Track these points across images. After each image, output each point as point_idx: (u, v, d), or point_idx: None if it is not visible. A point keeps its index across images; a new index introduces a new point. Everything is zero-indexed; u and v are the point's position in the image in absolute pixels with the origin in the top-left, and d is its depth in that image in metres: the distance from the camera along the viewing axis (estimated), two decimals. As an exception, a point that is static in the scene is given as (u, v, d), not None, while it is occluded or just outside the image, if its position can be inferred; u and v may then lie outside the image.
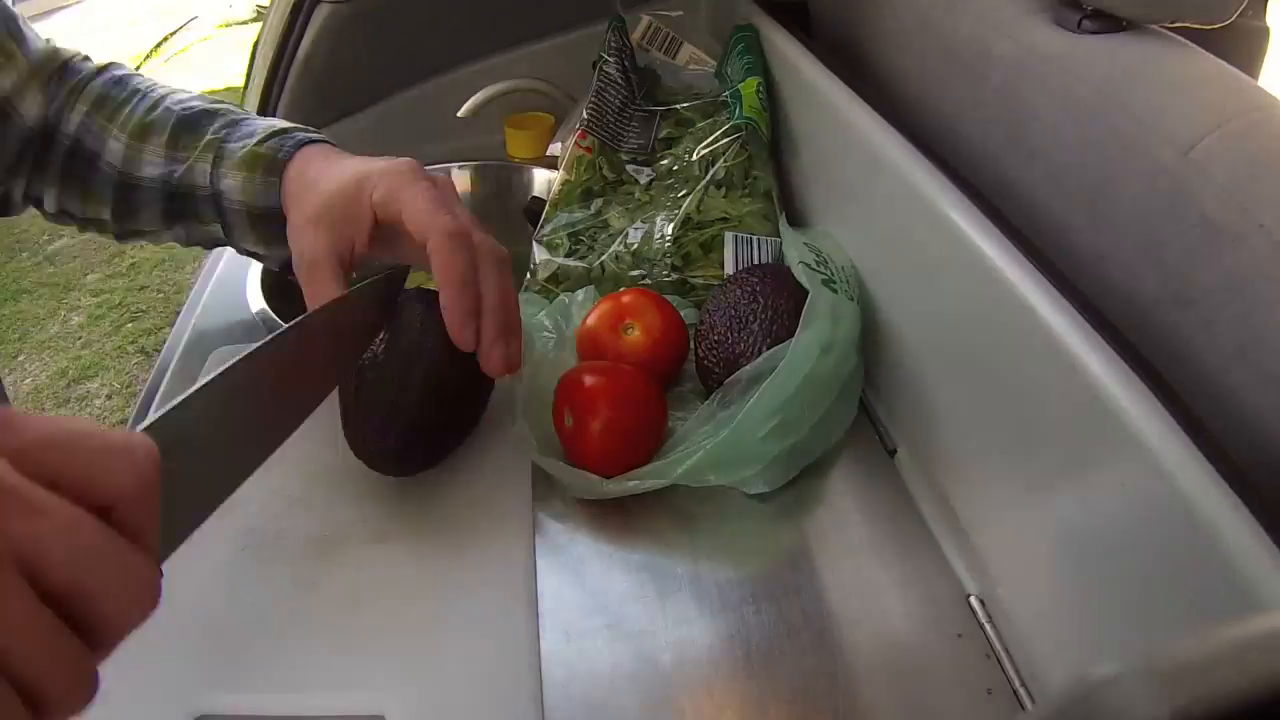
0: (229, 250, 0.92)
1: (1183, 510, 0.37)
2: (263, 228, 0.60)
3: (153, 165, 0.60)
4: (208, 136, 0.60)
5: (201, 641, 0.49)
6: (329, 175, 0.56)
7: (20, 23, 0.61)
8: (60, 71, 0.63)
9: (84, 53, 0.66)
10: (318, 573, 0.53)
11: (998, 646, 0.51)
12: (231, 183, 0.58)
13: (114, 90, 0.62)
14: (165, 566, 0.32)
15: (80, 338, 2.43)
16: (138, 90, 0.63)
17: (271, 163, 0.58)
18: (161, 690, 0.47)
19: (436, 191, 0.53)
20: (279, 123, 0.61)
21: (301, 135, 0.60)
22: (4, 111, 0.59)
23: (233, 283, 0.85)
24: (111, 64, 0.66)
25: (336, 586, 0.53)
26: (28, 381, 2.26)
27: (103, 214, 0.62)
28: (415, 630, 0.50)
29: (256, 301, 0.83)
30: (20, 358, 2.36)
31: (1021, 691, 0.49)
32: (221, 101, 0.64)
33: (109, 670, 0.46)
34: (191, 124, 0.60)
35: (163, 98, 0.62)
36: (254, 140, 0.59)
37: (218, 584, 0.49)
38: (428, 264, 0.52)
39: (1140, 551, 0.40)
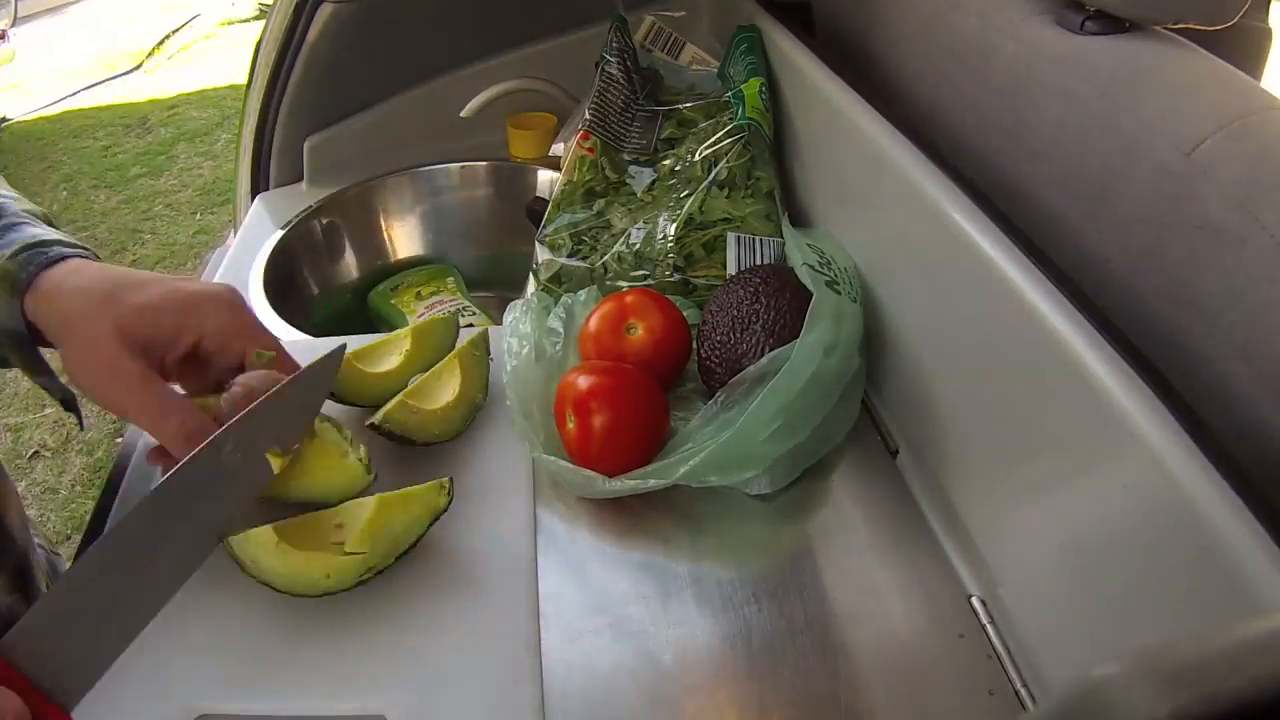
0: (230, 250, 0.93)
1: (1184, 511, 0.37)
2: (23, 353, 0.53)
3: None
4: None
5: (202, 642, 0.49)
6: (136, 286, 0.51)
7: None
8: None
9: None
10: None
11: (999, 647, 0.51)
12: None
13: None
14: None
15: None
16: None
17: (15, 282, 0.50)
18: (162, 690, 0.47)
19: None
20: (43, 233, 0.53)
21: (59, 250, 0.52)
22: None
23: (235, 282, 0.85)
24: None
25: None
26: (28, 380, 2.26)
27: None
28: (416, 630, 0.50)
29: (258, 301, 0.83)
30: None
31: (1023, 692, 0.49)
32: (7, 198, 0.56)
33: (110, 670, 0.46)
34: None
35: None
36: (6, 255, 0.50)
37: (218, 584, 0.49)
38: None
39: (1141, 552, 0.40)
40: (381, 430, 0.57)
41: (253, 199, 1.04)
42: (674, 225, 0.75)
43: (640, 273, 0.75)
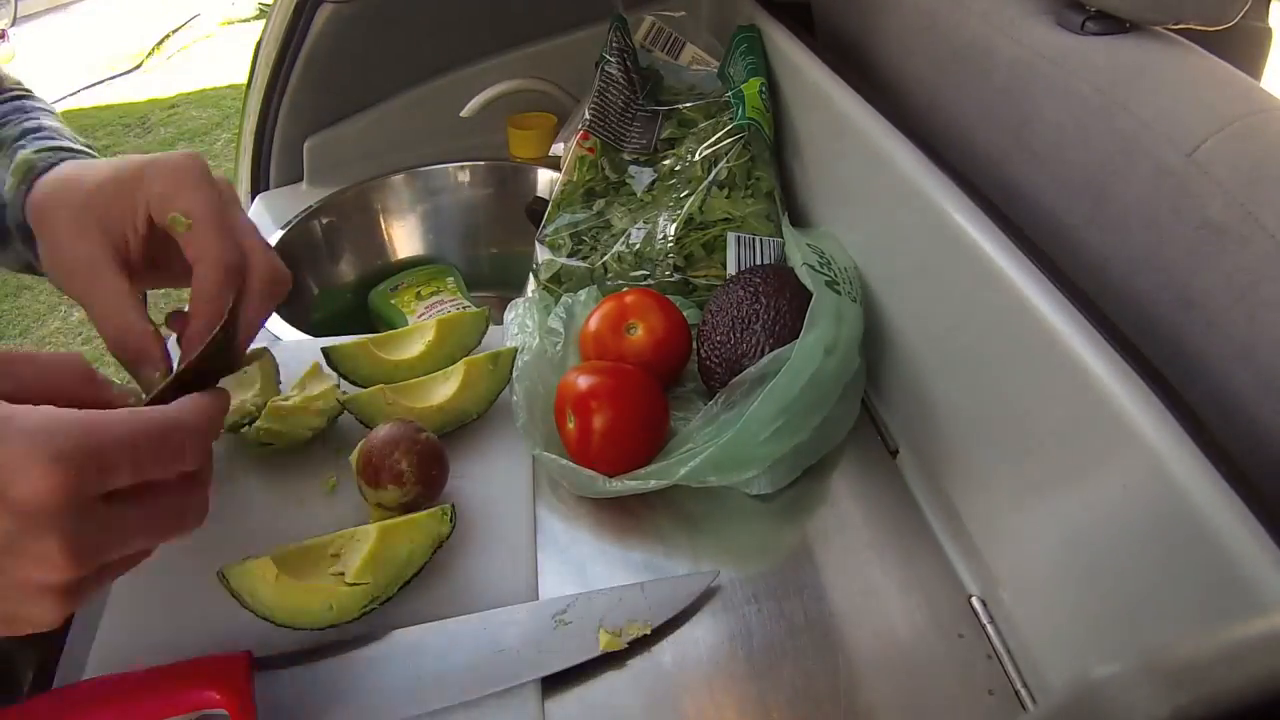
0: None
1: (1184, 511, 0.37)
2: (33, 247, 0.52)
3: None
4: (11, 146, 0.53)
5: (202, 646, 0.49)
6: (95, 169, 0.48)
7: None
8: None
9: (18, 84, 0.62)
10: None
11: (999, 647, 0.51)
12: (6, 188, 0.51)
13: (7, 114, 0.57)
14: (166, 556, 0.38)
15: (81, 334, 2.43)
16: (18, 112, 0.57)
17: (29, 171, 0.50)
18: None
19: (219, 202, 0.47)
20: (65, 139, 0.53)
21: (73, 149, 0.52)
22: None
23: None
24: (31, 98, 0.61)
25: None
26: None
27: None
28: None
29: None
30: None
31: (1023, 692, 0.49)
32: (73, 140, 0.56)
33: (108, 672, 0.46)
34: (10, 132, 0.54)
35: (27, 131, 0.55)
36: (39, 146, 0.51)
37: (217, 585, 0.49)
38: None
39: (1141, 552, 0.40)
40: (347, 406, 0.59)
41: (253, 199, 1.04)
42: (674, 225, 0.75)
43: (640, 273, 0.75)
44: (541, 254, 0.78)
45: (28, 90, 0.63)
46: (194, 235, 0.46)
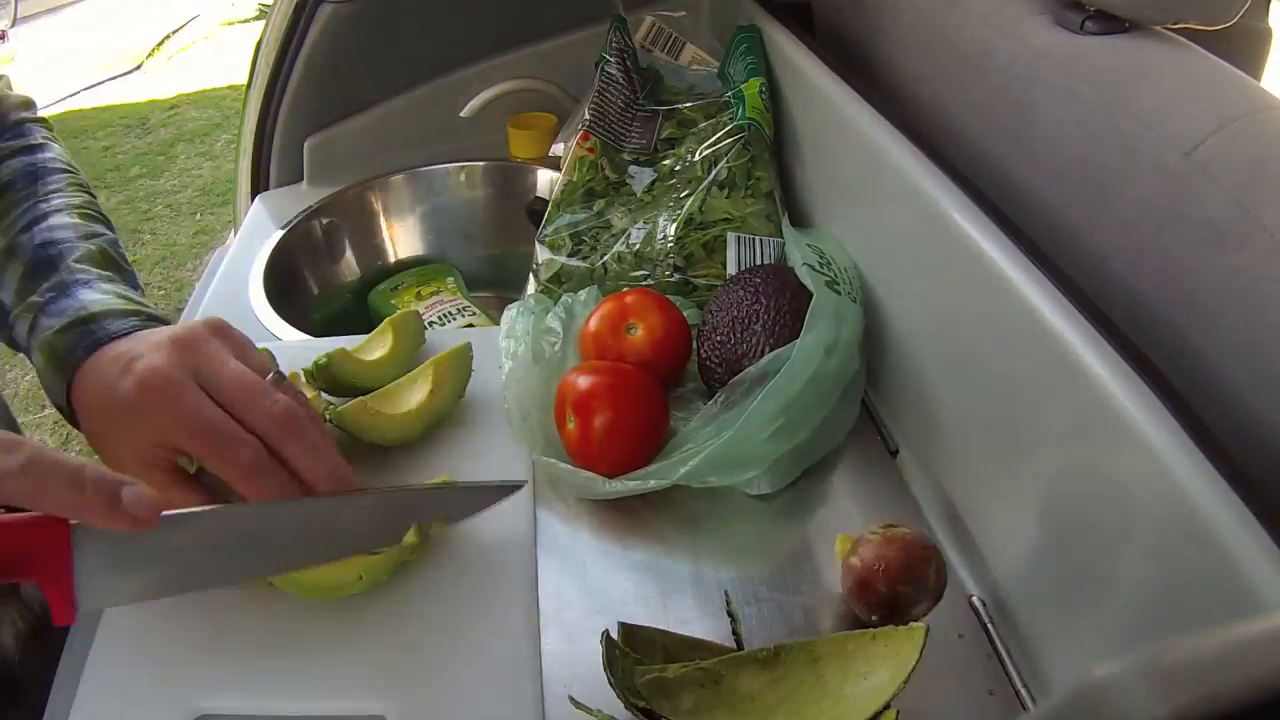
0: (232, 249, 0.93)
1: (1185, 511, 0.37)
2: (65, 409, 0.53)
3: (5, 290, 0.56)
4: (32, 298, 0.54)
5: (202, 641, 0.49)
6: (131, 378, 0.48)
7: None
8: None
9: (25, 103, 0.64)
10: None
11: (999, 647, 0.51)
12: (37, 363, 0.53)
13: (18, 184, 0.60)
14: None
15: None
16: (33, 195, 0.59)
17: (61, 365, 0.51)
18: (162, 690, 0.47)
19: (242, 382, 0.48)
20: (96, 300, 0.53)
21: (106, 329, 0.51)
22: None
23: (236, 282, 0.85)
24: (39, 145, 0.63)
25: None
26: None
27: None
28: (416, 630, 0.50)
29: (259, 301, 0.83)
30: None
31: (1023, 692, 0.49)
32: (91, 223, 0.59)
33: (109, 672, 0.46)
34: (31, 274, 0.55)
35: (43, 216, 0.58)
36: (55, 328, 0.51)
37: (214, 598, 0.49)
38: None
39: (1141, 552, 0.40)
40: (332, 423, 0.58)
41: (253, 199, 1.04)
42: (674, 225, 0.75)
43: (640, 273, 0.75)
44: (541, 254, 0.78)
45: (31, 116, 0.64)
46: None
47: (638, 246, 0.75)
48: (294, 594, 0.50)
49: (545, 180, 1.05)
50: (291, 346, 0.73)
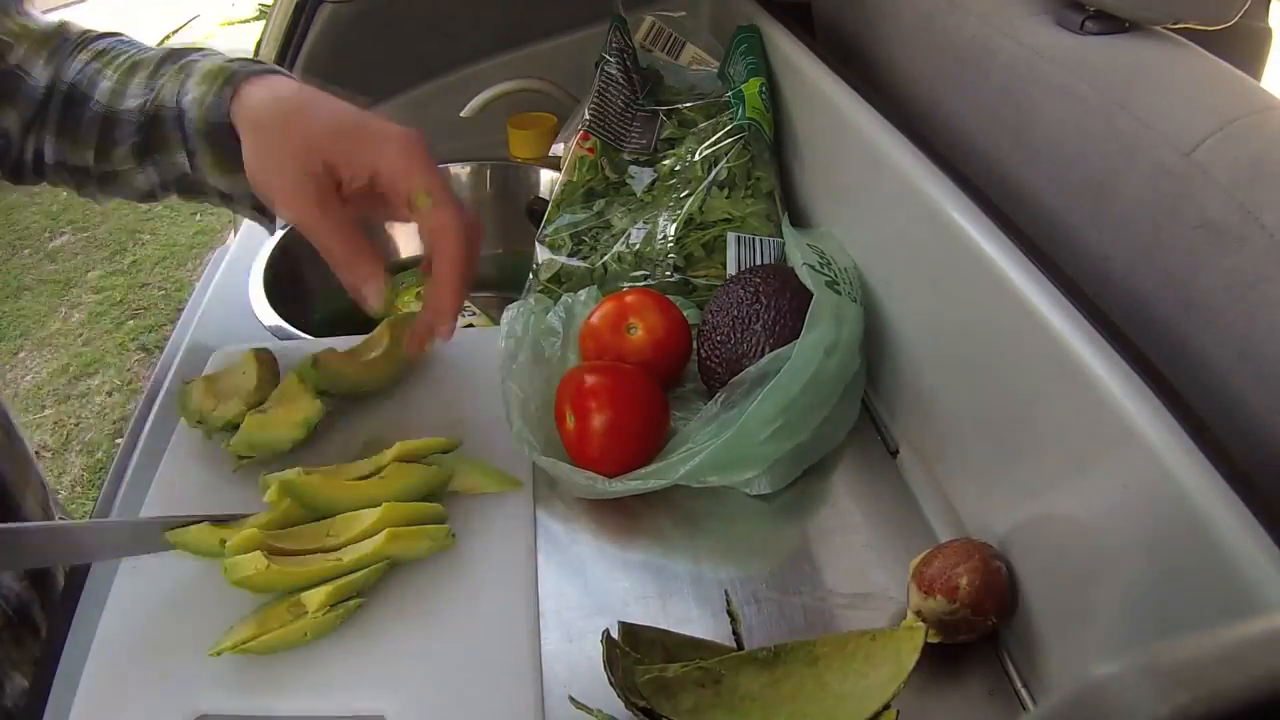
0: (231, 249, 0.93)
1: (1184, 511, 0.37)
2: (218, 148, 0.57)
3: (134, 97, 0.58)
4: (184, 60, 0.58)
5: (202, 641, 0.49)
6: (314, 105, 0.55)
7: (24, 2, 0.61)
8: (66, 35, 0.63)
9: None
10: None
11: (999, 647, 0.51)
12: (192, 97, 0.56)
13: (118, 44, 0.63)
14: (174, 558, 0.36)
15: (81, 334, 2.43)
16: (140, 44, 0.63)
17: (231, 76, 0.55)
18: (161, 690, 0.47)
19: (448, 180, 0.55)
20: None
21: (274, 67, 0.59)
22: (18, 77, 0.59)
23: (236, 282, 0.85)
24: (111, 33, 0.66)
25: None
26: (28, 378, 2.26)
27: (87, 158, 0.60)
28: (416, 630, 0.50)
29: (259, 301, 0.83)
30: (21, 354, 2.36)
31: (1023, 692, 0.49)
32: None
33: (108, 672, 0.46)
34: (178, 54, 0.59)
35: (178, 53, 0.61)
36: (223, 59, 0.57)
37: (217, 584, 0.49)
38: (404, 219, 0.56)
39: (1141, 552, 0.40)
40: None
41: (253, 199, 1.04)
42: (674, 225, 0.75)
43: (640, 273, 0.75)
44: (541, 254, 0.78)
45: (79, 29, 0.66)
46: (436, 212, 0.54)
47: (638, 246, 0.75)
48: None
49: (545, 180, 1.05)
50: (291, 346, 0.73)
